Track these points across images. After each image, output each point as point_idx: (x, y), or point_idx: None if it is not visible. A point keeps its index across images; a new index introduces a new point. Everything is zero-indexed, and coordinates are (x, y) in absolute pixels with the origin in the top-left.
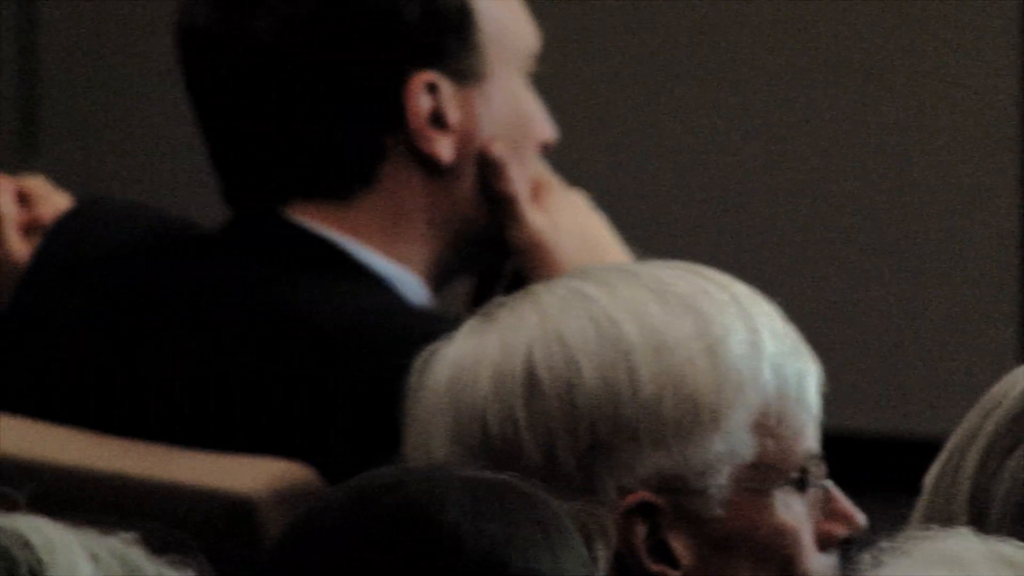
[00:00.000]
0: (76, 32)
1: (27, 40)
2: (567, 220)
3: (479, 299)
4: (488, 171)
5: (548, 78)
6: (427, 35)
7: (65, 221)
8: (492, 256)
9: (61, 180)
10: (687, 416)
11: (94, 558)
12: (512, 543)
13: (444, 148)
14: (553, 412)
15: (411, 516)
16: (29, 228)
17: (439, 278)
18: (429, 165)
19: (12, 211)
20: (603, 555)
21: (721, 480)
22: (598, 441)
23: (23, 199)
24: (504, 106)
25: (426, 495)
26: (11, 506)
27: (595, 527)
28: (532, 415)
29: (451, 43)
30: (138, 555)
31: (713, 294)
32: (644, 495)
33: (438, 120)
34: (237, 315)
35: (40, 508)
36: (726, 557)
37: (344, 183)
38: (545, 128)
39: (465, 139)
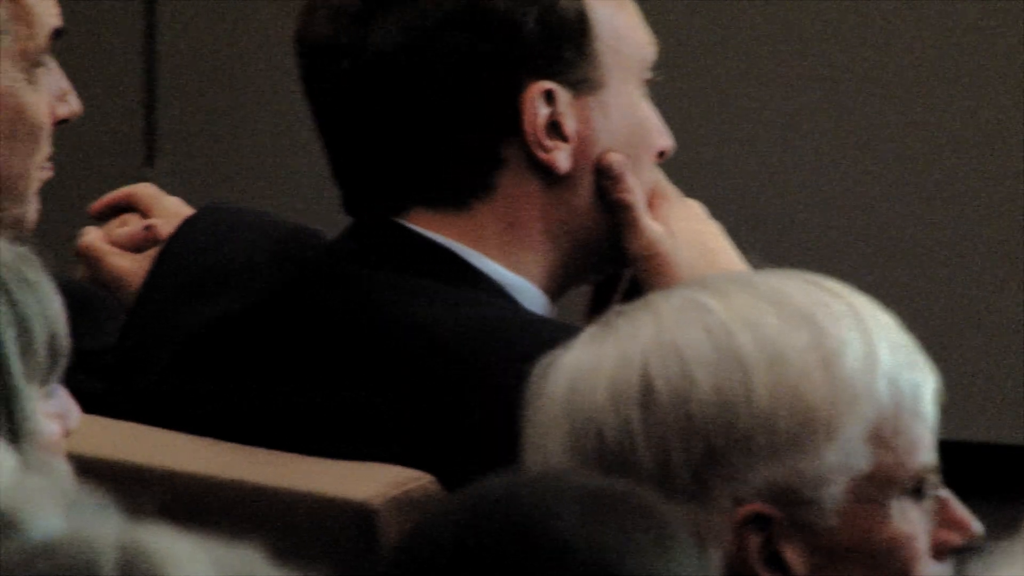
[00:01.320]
0: (194, 43)
1: (147, 52)
2: (684, 229)
3: (597, 308)
4: (605, 180)
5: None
6: (545, 45)
7: (184, 229)
8: (610, 266)
9: (179, 189)
10: (802, 428)
11: (217, 569)
12: (625, 551)
13: (561, 157)
14: (668, 423)
15: (524, 525)
16: (144, 239)
17: (557, 288)
18: (546, 174)
19: (99, 242)
20: (717, 563)
21: (836, 491)
22: (713, 452)
23: (135, 208)
24: (621, 115)
25: (539, 504)
26: (137, 515)
27: (709, 534)
28: (648, 425)
29: (568, 53)
30: (261, 566)
31: (830, 305)
32: (759, 506)
33: (555, 129)
34: (356, 323)
35: (164, 517)
36: (841, 567)
37: (462, 192)
38: (662, 137)
39: (582, 148)
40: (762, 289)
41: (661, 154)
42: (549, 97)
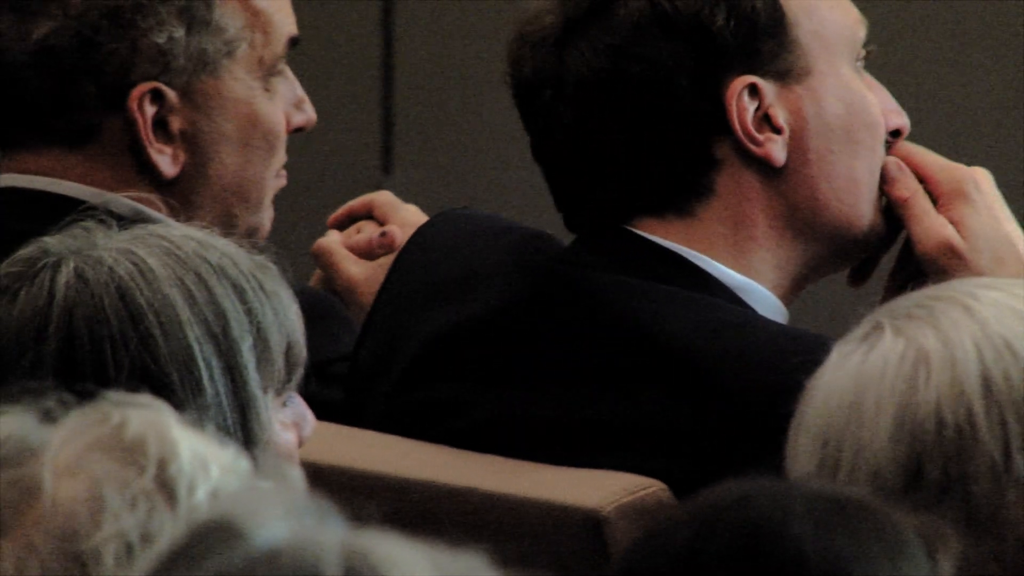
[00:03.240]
0: (431, 51)
1: (385, 60)
2: (979, 228)
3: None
4: (882, 183)
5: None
6: (739, 39)
7: (419, 237)
8: (847, 258)
9: (416, 196)
10: None
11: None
12: (856, 557)
13: (776, 149)
14: (1007, 412)
15: (756, 532)
16: (380, 245)
17: (789, 286)
18: (763, 168)
19: (336, 245)
20: (946, 569)
21: None
22: None
23: (372, 215)
24: (834, 99)
25: (771, 510)
26: (364, 521)
27: (939, 541)
28: (990, 413)
29: (766, 44)
30: (485, 573)
31: None
32: None
33: (767, 122)
34: (593, 329)
35: (396, 524)
36: None
37: (682, 197)
38: (894, 116)
39: (796, 138)
40: (1019, 292)
41: (897, 133)
42: (754, 91)
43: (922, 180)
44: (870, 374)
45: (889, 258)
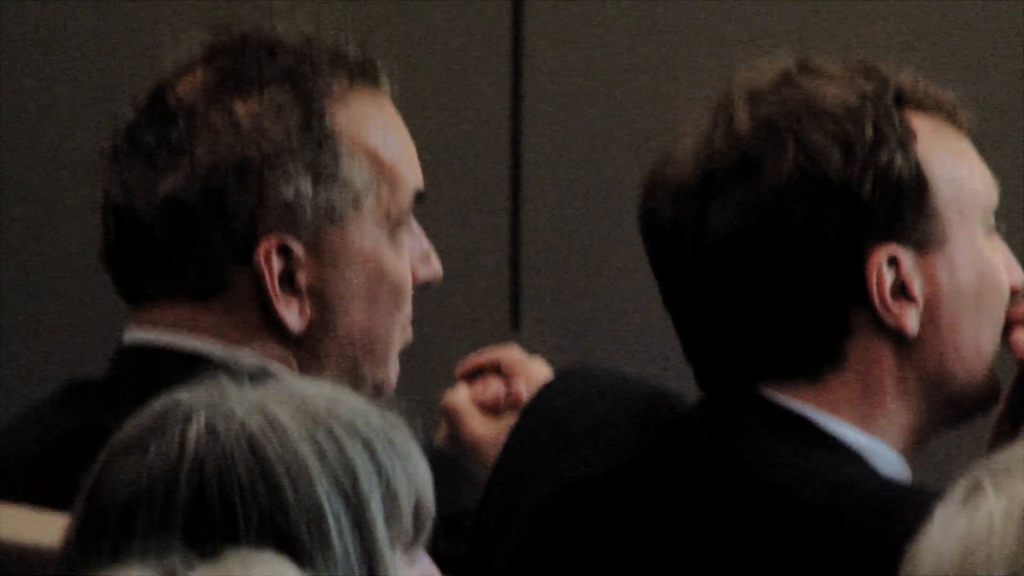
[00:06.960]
0: (558, 206)
1: (512, 216)
2: None
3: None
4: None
5: None
6: (884, 208)
7: (543, 393)
8: (972, 414)
9: (544, 352)
10: None
11: None
12: None
13: (910, 320)
14: None
15: None
16: (507, 405)
17: (912, 445)
18: (894, 337)
19: (465, 403)
20: None
21: None
22: None
23: (500, 371)
24: (967, 268)
25: None
26: None
27: None
28: None
29: (909, 213)
30: None
31: None
32: None
33: (902, 291)
34: (720, 488)
35: None
36: None
37: (812, 364)
38: (1012, 273)
39: (929, 307)
40: None
41: (1014, 292)
42: (892, 260)
43: None
44: (977, 536)
45: None
